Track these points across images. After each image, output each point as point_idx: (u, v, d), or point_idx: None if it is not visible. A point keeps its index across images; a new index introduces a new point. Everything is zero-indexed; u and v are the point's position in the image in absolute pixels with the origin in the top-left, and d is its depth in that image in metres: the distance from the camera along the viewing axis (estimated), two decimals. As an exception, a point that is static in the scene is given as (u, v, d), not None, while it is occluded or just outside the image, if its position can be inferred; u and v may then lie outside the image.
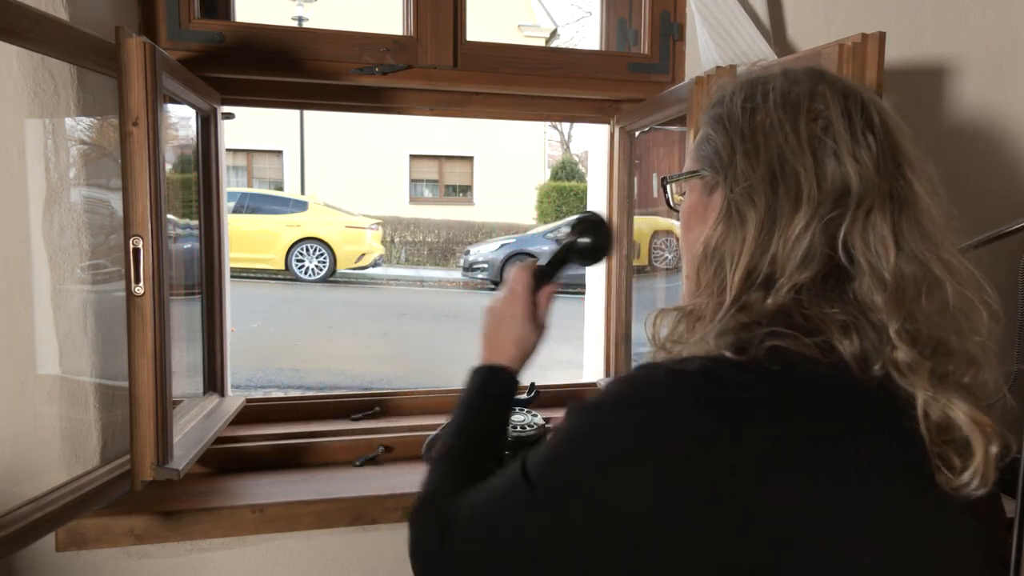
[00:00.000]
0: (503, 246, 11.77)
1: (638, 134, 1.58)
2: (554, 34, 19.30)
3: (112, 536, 1.16)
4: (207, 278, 1.41)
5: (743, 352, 0.57)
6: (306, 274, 11.53)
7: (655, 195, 1.60)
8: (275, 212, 11.71)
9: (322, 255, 11.58)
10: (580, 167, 18.30)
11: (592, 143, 1.79)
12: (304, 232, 11.51)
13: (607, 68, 1.52)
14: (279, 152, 17.24)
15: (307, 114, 15.48)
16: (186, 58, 1.29)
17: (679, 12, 1.51)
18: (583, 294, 1.83)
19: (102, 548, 1.17)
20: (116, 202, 1.09)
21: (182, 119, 1.32)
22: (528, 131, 17.89)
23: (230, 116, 1.45)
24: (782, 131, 0.63)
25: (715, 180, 0.68)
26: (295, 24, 12.38)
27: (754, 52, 1.35)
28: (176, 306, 1.20)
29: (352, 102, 1.48)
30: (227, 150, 1.47)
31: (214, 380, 1.45)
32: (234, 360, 1.51)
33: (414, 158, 18.09)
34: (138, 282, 1.03)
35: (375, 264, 12.33)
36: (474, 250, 12.22)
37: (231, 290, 1.48)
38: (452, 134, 17.11)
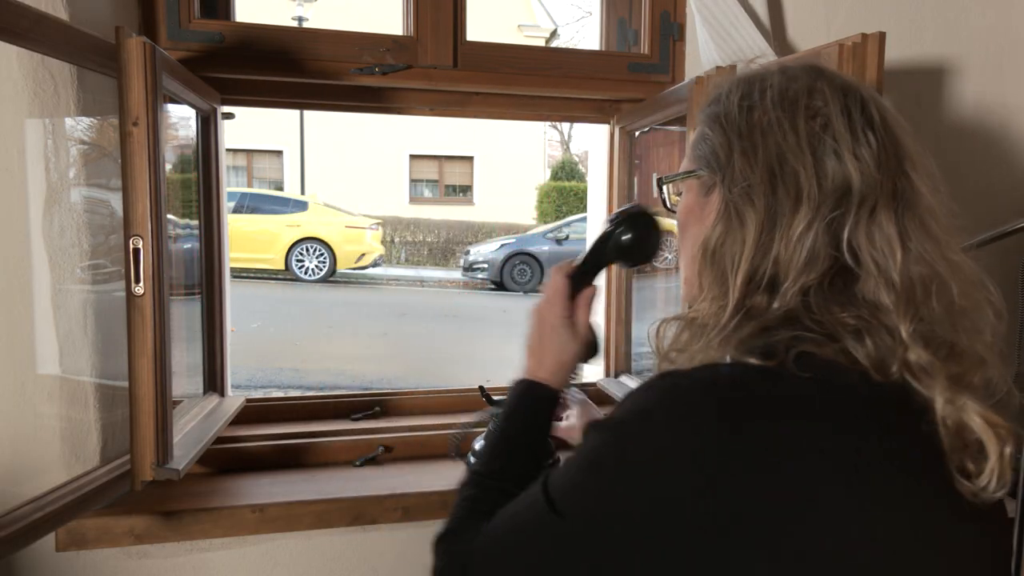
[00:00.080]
0: (503, 246, 11.79)
1: (638, 134, 1.58)
2: (554, 34, 19.30)
3: (112, 536, 1.16)
4: (207, 278, 1.41)
5: (770, 357, 0.56)
6: (306, 274, 11.53)
7: (655, 195, 1.60)
8: (275, 212, 11.72)
9: (322, 255, 11.58)
10: (580, 167, 18.31)
11: (592, 143, 1.79)
12: (304, 232, 11.51)
13: (607, 68, 1.52)
14: (279, 152, 17.25)
15: (307, 114, 15.48)
16: (186, 58, 1.29)
17: (679, 12, 1.51)
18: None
19: (102, 548, 1.17)
20: (116, 202, 1.09)
21: (182, 119, 1.32)
22: (528, 131, 17.90)
23: (230, 116, 1.45)
24: (780, 129, 0.62)
25: (712, 180, 0.67)
26: (295, 24, 12.38)
27: (754, 52, 1.35)
28: (176, 306, 1.20)
29: (352, 102, 1.48)
30: (227, 150, 1.47)
31: (214, 380, 1.45)
32: (234, 360, 1.51)
33: (414, 158, 18.11)
34: (138, 282, 1.03)
35: (375, 264, 12.34)
36: (474, 250, 12.23)
37: (231, 290, 1.48)
38: (452, 134, 17.12)
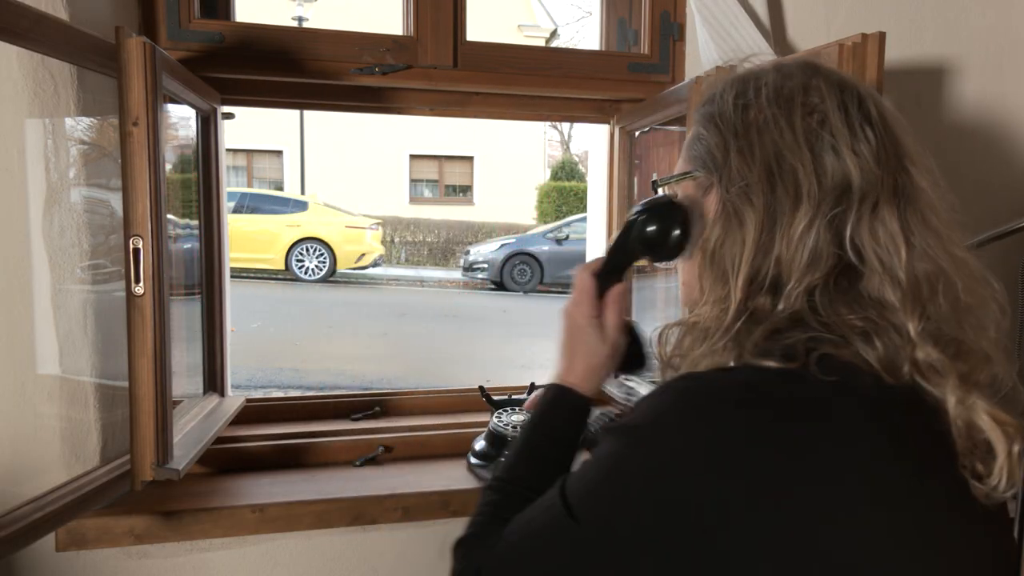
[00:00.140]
0: (503, 246, 11.78)
1: (638, 134, 1.58)
2: (554, 34, 19.30)
3: (112, 536, 1.16)
4: (207, 278, 1.41)
5: (791, 360, 0.55)
6: (306, 274, 11.53)
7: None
8: (275, 212, 11.72)
9: (322, 255, 11.58)
10: (580, 167, 18.30)
11: (592, 143, 1.79)
12: (304, 232, 11.51)
13: (607, 68, 1.52)
14: (279, 152, 17.24)
15: (307, 114, 15.48)
16: (186, 58, 1.29)
17: (679, 12, 1.51)
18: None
19: (102, 548, 1.17)
20: (116, 202, 1.09)
21: (182, 119, 1.32)
22: (528, 131, 17.89)
23: (230, 116, 1.44)
24: (777, 127, 0.61)
25: (709, 181, 0.66)
26: (295, 24, 12.38)
27: (754, 52, 1.35)
28: (176, 306, 1.19)
29: (352, 102, 1.48)
30: (227, 150, 1.47)
31: (214, 380, 1.45)
32: (234, 360, 1.51)
33: (414, 158, 18.10)
34: (138, 282, 1.03)
35: (375, 264, 12.34)
36: (474, 250, 12.22)
37: (231, 290, 1.48)
38: (452, 134, 17.11)
